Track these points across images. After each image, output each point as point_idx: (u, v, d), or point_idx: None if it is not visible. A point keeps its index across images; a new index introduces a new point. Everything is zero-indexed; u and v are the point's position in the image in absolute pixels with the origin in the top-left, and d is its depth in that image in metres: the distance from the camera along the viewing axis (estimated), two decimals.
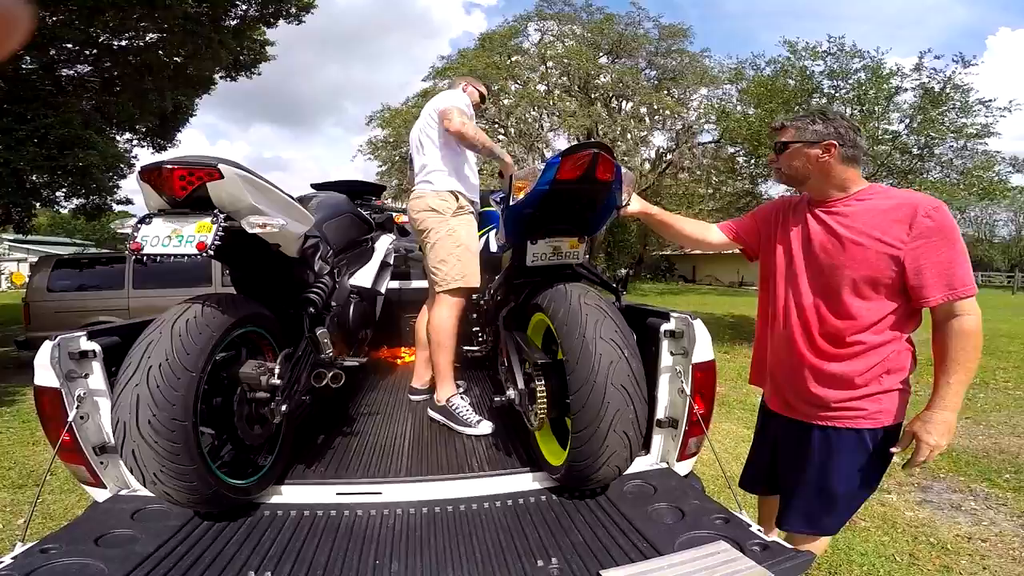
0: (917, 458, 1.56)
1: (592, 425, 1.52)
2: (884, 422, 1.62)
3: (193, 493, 1.44)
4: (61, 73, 9.54)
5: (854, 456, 1.63)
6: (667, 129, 19.80)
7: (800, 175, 1.70)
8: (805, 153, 1.66)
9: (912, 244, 1.50)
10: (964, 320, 1.51)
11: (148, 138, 12.18)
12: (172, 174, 1.40)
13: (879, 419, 1.61)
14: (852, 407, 1.62)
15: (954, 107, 9.08)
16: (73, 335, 1.67)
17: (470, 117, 2.46)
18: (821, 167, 1.65)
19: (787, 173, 1.73)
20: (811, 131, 1.66)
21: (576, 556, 1.37)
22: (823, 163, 1.64)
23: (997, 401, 5.99)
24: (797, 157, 1.68)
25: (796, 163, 1.69)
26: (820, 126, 1.65)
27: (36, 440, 4.66)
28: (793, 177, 1.73)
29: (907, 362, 1.64)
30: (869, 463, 1.64)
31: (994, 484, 3.70)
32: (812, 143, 1.65)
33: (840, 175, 1.65)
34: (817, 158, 1.64)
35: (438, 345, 2.43)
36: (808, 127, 1.67)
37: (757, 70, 11.19)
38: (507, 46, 19.17)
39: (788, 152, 1.70)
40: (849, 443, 1.63)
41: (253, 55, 11.03)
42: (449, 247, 2.42)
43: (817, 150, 1.64)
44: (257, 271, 1.89)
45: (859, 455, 1.63)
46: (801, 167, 1.68)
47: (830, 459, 1.65)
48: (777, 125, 1.78)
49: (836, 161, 1.64)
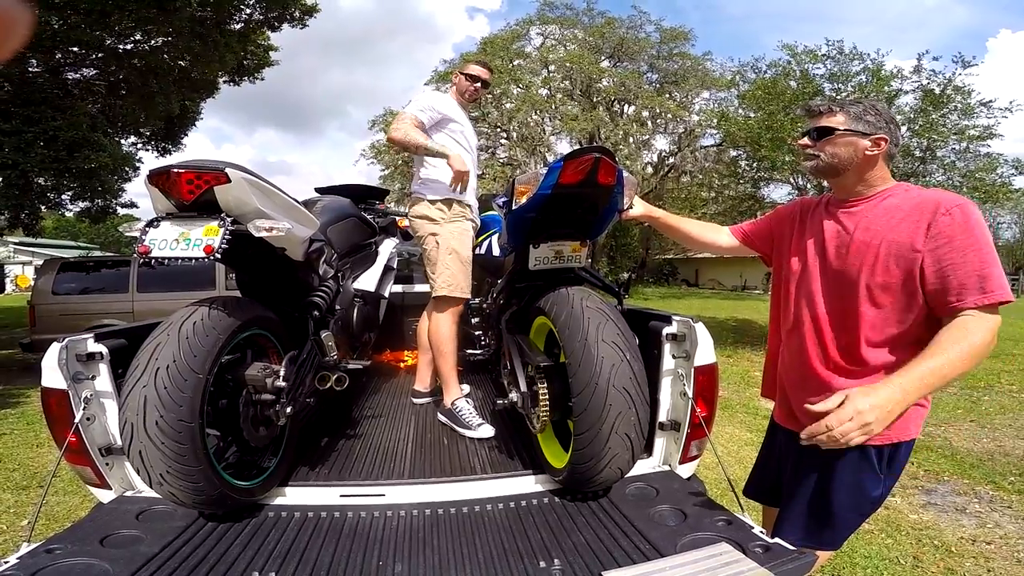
0: (821, 425, 1.24)
1: (594, 428, 1.53)
2: (896, 438, 1.48)
3: (198, 494, 1.45)
4: (67, 76, 9.61)
5: (861, 472, 1.51)
6: (669, 133, 19.85)
7: (841, 166, 1.52)
8: (854, 143, 1.49)
9: (931, 246, 1.35)
10: (984, 325, 1.29)
11: (153, 141, 12.25)
12: (180, 178, 1.42)
13: (890, 436, 1.46)
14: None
15: (955, 109, 9.08)
16: (80, 337, 1.68)
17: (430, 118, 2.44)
18: (867, 161, 1.50)
19: (826, 162, 1.53)
20: (865, 121, 1.49)
21: (578, 557, 1.38)
22: (871, 157, 1.49)
23: (1002, 404, 5.97)
24: (845, 146, 1.50)
25: (842, 151, 1.51)
26: (873, 117, 1.50)
27: (40, 442, 4.69)
28: (831, 167, 1.54)
29: None
30: (876, 479, 1.52)
31: (999, 487, 3.69)
32: (865, 134, 1.48)
33: (878, 172, 1.52)
34: (866, 150, 1.49)
35: (438, 352, 2.46)
36: (863, 116, 1.50)
37: (758, 73, 11.21)
38: (509, 50, 19.22)
39: (834, 139, 1.51)
40: (856, 459, 1.50)
41: (257, 59, 11.09)
42: (440, 255, 2.44)
43: (868, 142, 1.49)
44: (262, 274, 1.91)
45: (867, 471, 1.51)
46: (846, 157, 1.51)
47: (835, 474, 1.54)
48: (823, 108, 1.56)
49: (882, 157, 1.51)
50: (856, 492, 1.53)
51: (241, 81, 11.43)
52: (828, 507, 1.56)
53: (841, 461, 1.52)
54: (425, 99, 2.49)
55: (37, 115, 8.52)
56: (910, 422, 1.49)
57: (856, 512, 1.58)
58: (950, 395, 6.47)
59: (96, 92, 10.13)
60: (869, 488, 1.52)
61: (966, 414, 5.62)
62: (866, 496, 1.54)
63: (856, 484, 1.52)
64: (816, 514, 1.59)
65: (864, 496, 1.54)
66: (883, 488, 1.54)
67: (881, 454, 1.50)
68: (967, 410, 5.77)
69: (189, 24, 8.09)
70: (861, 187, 1.53)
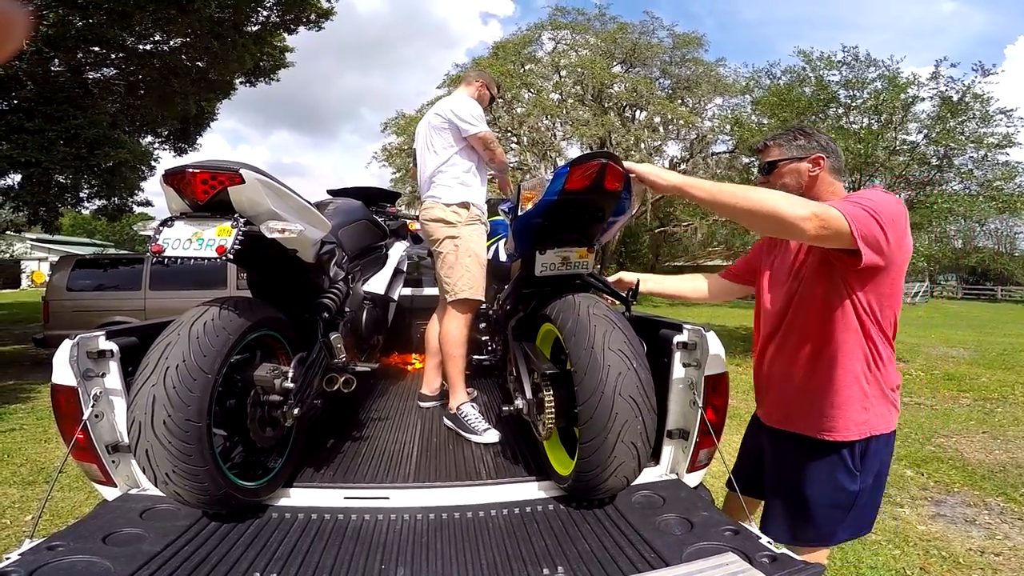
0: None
1: (600, 436, 1.52)
2: (867, 432, 1.57)
3: (203, 494, 1.45)
4: (88, 76, 9.77)
5: (835, 470, 1.59)
6: (681, 139, 19.77)
7: (793, 191, 1.63)
8: (796, 169, 1.65)
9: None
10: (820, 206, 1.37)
11: (169, 141, 12.41)
12: (195, 178, 1.43)
13: (864, 430, 1.57)
14: (837, 419, 1.57)
15: (974, 117, 8.97)
16: (92, 334, 1.69)
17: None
18: (812, 181, 1.64)
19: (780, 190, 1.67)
20: (796, 146, 1.65)
21: (583, 565, 1.37)
22: (814, 177, 1.64)
23: (1015, 416, 5.89)
24: (788, 174, 1.67)
25: (788, 180, 1.67)
26: (803, 140, 1.65)
27: (48, 437, 4.74)
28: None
29: (890, 372, 1.60)
30: (851, 476, 1.59)
31: (1010, 498, 3.63)
32: (800, 158, 1.64)
33: (827, 188, 1.65)
34: (808, 172, 1.64)
35: (448, 355, 2.45)
36: (792, 143, 1.66)
37: (773, 79, 11.14)
38: (520, 55, 19.25)
39: (778, 171, 1.68)
40: (829, 457, 1.59)
41: (273, 61, 11.22)
42: (459, 258, 2.44)
43: (807, 164, 1.64)
44: (274, 275, 1.92)
45: (841, 469, 1.59)
46: (793, 184, 1.66)
47: (810, 473, 1.63)
48: (759, 146, 1.75)
49: (826, 173, 1.64)
50: (832, 490, 1.59)
51: (257, 82, 11.58)
52: (806, 506, 1.63)
53: (815, 461, 1.61)
54: (479, 111, 2.54)
55: (59, 114, 8.67)
56: (880, 418, 1.57)
57: (834, 509, 1.61)
58: (962, 407, 6.38)
59: (115, 91, 10.29)
60: (845, 484, 1.58)
61: (978, 425, 5.53)
62: (843, 492, 1.59)
63: (831, 482, 1.59)
64: (796, 513, 1.66)
65: (841, 493, 1.59)
66: (860, 484, 1.59)
67: (853, 450, 1.57)
68: (980, 421, 5.68)
69: (208, 25, 8.20)
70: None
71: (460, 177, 2.50)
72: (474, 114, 2.48)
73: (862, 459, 1.58)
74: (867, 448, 1.58)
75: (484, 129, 2.47)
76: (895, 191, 10.16)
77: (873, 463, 1.60)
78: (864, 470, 1.59)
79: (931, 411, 6.20)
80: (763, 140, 1.76)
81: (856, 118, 9.90)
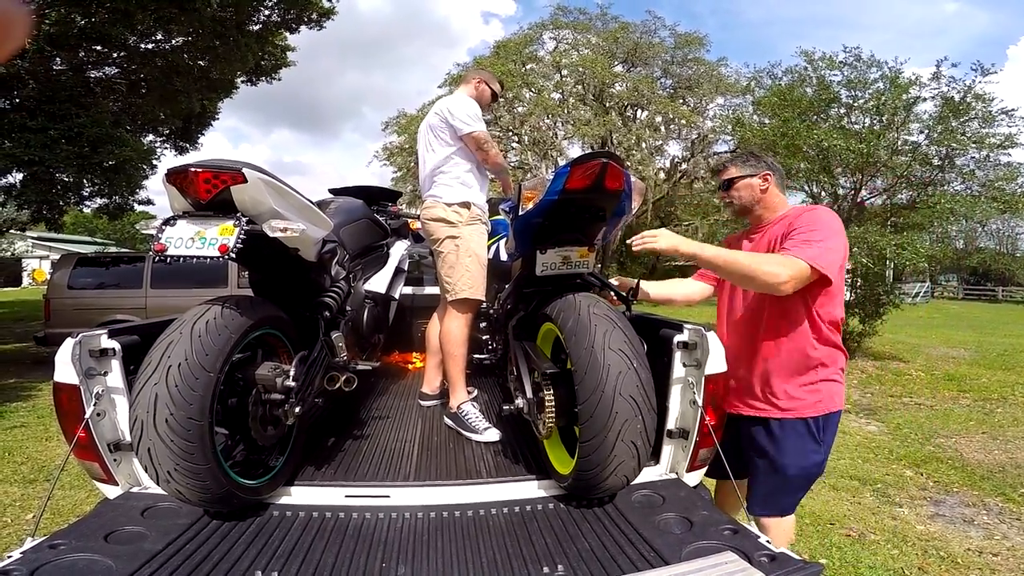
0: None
1: (600, 435, 1.53)
2: (825, 410, 1.87)
3: (205, 492, 1.46)
4: (90, 75, 9.77)
5: (804, 443, 1.87)
6: (682, 138, 19.76)
7: (748, 204, 2.03)
8: (749, 184, 2.01)
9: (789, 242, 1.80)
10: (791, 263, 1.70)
11: (171, 139, 12.42)
12: (198, 177, 1.43)
13: (819, 408, 1.86)
14: (796, 399, 1.86)
15: (976, 117, 8.95)
16: (94, 333, 1.70)
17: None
18: (763, 194, 2.00)
19: (738, 204, 2.05)
20: (748, 165, 2.02)
21: (582, 563, 1.37)
22: (764, 191, 2.00)
23: (1015, 416, 5.90)
24: (743, 189, 2.02)
25: (743, 194, 2.02)
26: (753, 160, 2.02)
27: (50, 436, 4.74)
28: (743, 208, 2.05)
29: (837, 357, 1.90)
30: (816, 446, 1.87)
31: (1008, 498, 3.64)
32: (752, 175, 2.00)
33: (775, 199, 2.01)
34: (759, 187, 2.00)
35: (448, 354, 2.45)
36: (745, 163, 2.02)
37: (774, 79, 11.12)
38: (522, 54, 19.24)
39: (735, 187, 2.03)
40: (798, 432, 1.87)
41: (274, 60, 11.22)
42: (459, 257, 2.44)
43: (758, 180, 2.00)
44: (275, 274, 1.92)
45: (809, 441, 1.87)
46: (748, 197, 2.02)
47: (783, 447, 1.88)
48: (718, 167, 2.11)
49: (773, 187, 2.00)
50: (802, 459, 1.88)
51: (259, 81, 11.57)
52: (784, 477, 1.90)
53: (786, 437, 1.88)
54: (476, 110, 2.51)
55: (62, 112, 8.67)
56: (835, 396, 1.89)
57: (804, 477, 1.93)
58: (962, 407, 6.38)
59: (117, 90, 10.29)
60: (811, 454, 1.88)
61: (978, 426, 5.54)
62: (810, 462, 1.89)
63: (801, 452, 1.87)
64: (774, 484, 1.93)
65: (809, 462, 1.89)
66: (822, 454, 1.90)
67: (817, 424, 1.87)
68: (979, 422, 5.68)
69: (210, 24, 8.20)
70: (766, 214, 2.02)
71: (460, 176, 2.50)
72: (469, 113, 2.46)
73: (823, 432, 1.88)
74: (826, 422, 1.88)
75: (477, 128, 2.45)
76: (896, 191, 10.16)
77: (830, 436, 1.90)
78: (824, 442, 1.89)
79: (931, 411, 6.20)
80: (720, 162, 2.12)
81: (858, 118, 9.88)
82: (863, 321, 9.63)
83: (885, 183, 10.32)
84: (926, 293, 29.50)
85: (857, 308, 9.72)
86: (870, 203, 10.56)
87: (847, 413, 6.20)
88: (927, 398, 6.87)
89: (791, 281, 1.69)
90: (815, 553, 2.90)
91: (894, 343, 10.82)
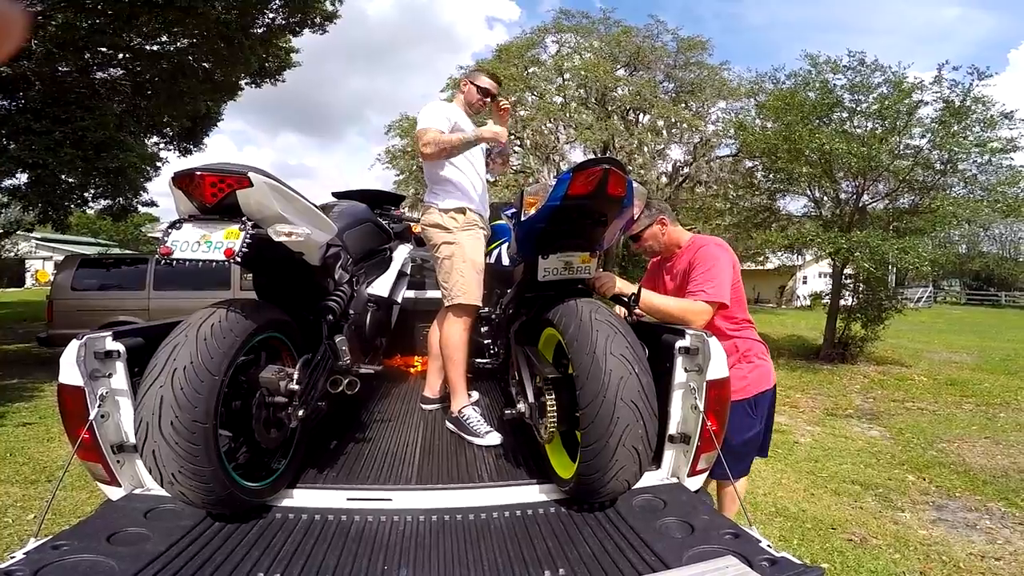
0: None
1: (601, 440, 1.53)
2: (755, 390, 2.34)
3: (208, 494, 1.47)
4: (95, 77, 9.81)
5: (743, 418, 2.30)
6: (684, 142, 19.71)
7: (657, 247, 2.48)
8: (653, 234, 2.44)
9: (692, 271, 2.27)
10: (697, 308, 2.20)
11: (175, 142, 12.46)
12: (204, 181, 1.44)
13: (748, 390, 2.32)
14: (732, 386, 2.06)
15: (978, 120, 8.95)
16: (99, 335, 1.70)
17: (448, 126, 2.44)
18: (667, 236, 2.44)
19: (652, 249, 2.50)
20: (646, 215, 2.39)
21: (583, 568, 1.38)
22: (664, 233, 2.43)
23: (1018, 421, 5.89)
24: (650, 239, 2.45)
25: (651, 243, 2.47)
26: (648, 211, 2.39)
27: (52, 436, 4.75)
28: (654, 251, 2.51)
29: (753, 346, 2.38)
30: (752, 420, 2.34)
31: (1011, 503, 3.63)
32: (651, 225, 2.41)
33: (677, 235, 2.46)
34: (660, 233, 2.43)
35: (448, 359, 2.46)
36: (643, 217, 2.38)
37: (777, 83, 11.14)
38: (524, 57, 19.25)
39: (644, 237, 2.45)
40: (739, 411, 2.24)
41: (278, 62, 11.26)
42: (455, 263, 2.45)
43: (657, 227, 2.42)
44: (280, 278, 1.93)
45: (745, 416, 2.31)
46: (656, 244, 2.47)
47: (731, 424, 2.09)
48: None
49: (671, 227, 2.44)
50: (744, 431, 2.32)
51: (263, 83, 11.61)
52: (730, 447, 2.16)
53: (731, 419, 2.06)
54: (435, 109, 2.49)
55: (66, 115, 8.70)
56: (762, 378, 2.37)
57: (748, 447, 2.38)
58: (965, 412, 6.37)
59: (122, 92, 10.33)
60: (748, 427, 2.34)
61: (981, 431, 5.53)
62: (750, 432, 2.35)
63: (742, 426, 2.31)
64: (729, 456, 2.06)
65: (749, 432, 2.34)
66: (759, 426, 2.37)
67: (750, 403, 2.34)
68: (982, 427, 5.67)
69: (215, 26, 8.23)
70: (675, 248, 2.45)
71: (455, 182, 2.50)
72: (425, 114, 2.46)
73: (757, 408, 2.35)
74: (760, 400, 2.36)
75: (420, 126, 2.43)
76: (899, 195, 10.15)
77: (762, 410, 2.37)
78: (757, 415, 2.35)
79: (933, 416, 6.19)
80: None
81: (860, 122, 9.89)
82: (865, 326, 9.62)
83: (887, 187, 10.31)
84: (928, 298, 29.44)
85: (859, 313, 9.72)
86: (872, 207, 10.56)
87: (849, 417, 6.20)
88: (929, 403, 6.86)
89: (705, 321, 2.19)
90: (816, 557, 2.90)
91: (896, 348, 10.81)
